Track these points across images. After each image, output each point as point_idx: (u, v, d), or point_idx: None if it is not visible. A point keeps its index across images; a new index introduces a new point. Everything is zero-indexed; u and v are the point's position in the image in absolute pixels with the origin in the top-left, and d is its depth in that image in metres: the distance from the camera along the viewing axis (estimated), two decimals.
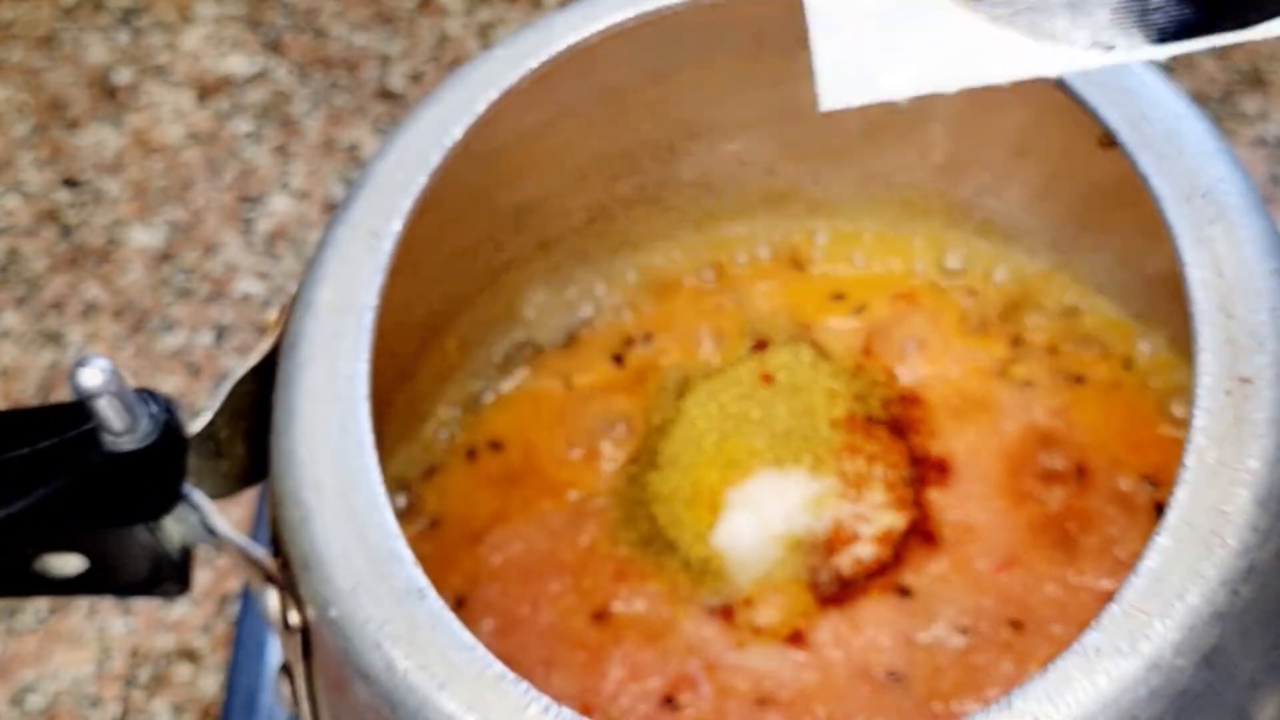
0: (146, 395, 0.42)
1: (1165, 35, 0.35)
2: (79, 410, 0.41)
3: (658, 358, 0.55)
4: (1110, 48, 0.35)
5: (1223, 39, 0.35)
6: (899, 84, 0.36)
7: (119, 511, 0.43)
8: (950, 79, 0.36)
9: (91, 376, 0.40)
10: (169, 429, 0.42)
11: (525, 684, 0.39)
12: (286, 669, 0.46)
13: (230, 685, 0.64)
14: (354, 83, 0.83)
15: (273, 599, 0.43)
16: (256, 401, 0.45)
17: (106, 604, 0.69)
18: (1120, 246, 0.53)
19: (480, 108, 0.47)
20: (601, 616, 0.49)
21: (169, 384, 0.75)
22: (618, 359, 0.55)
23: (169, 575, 0.46)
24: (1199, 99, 0.77)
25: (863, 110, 0.37)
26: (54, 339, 0.76)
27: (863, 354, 0.54)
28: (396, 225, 0.45)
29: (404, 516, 0.52)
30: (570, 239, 0.56)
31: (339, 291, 0.45)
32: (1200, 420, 0.40)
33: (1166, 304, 0.49)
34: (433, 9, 0.85)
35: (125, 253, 0.79)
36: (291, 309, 0.46)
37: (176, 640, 0.68)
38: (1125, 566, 0.39)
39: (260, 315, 0.76)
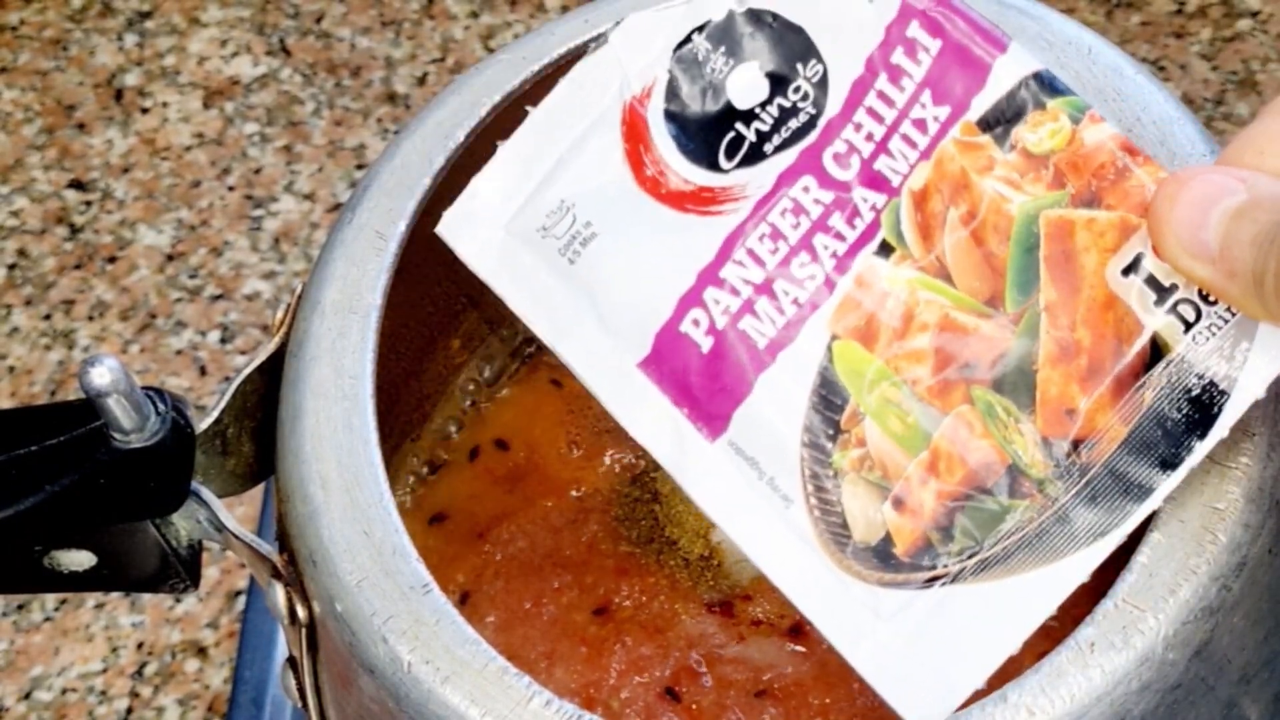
0: (154, 394, 0.43)
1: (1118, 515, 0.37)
2: (88, 408, 0.42)
3: None
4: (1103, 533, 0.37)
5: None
6: (972, 678, 0.37)
7: (128, 508, 0.44)
8: (1006, 645, 0.37)
9: (100, 375, 0.41)
10: (177, 427, 0.43)
11: (528, 678, 0.39)
12: (293, 663, 0.46)
13: (237, 679, 0.65)
14: (359, 86, 0.84)
15: (279, 594, 0.44)
16: (263, 400, 0.46)
17: (115, 599, 0.69)
18: None
19: (484, 111, 0.47)
20: (603, 611, 0.49)
21: (177, 382, 0.75)
22: None
23: (177, 571, 0.46)
24: (1192, 102, 0.77)
25: None
26: (63, 338, 0.77)
27: None
28: (401, 226, 0.46)
29: (408, 513, 0.53)
30: None
31: (345, 291, 0.45)
32: None
33: None
34: (437, 13, 0.86)
35: (133, 253, 0.79)
36: (298, 308, 0.46)
37: (184, 635, 0.68)
38: (1118, 562, 0.39)
39: (267, 315, 0.77)
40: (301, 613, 0.43)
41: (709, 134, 0.40)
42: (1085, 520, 0.37)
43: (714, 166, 0.40)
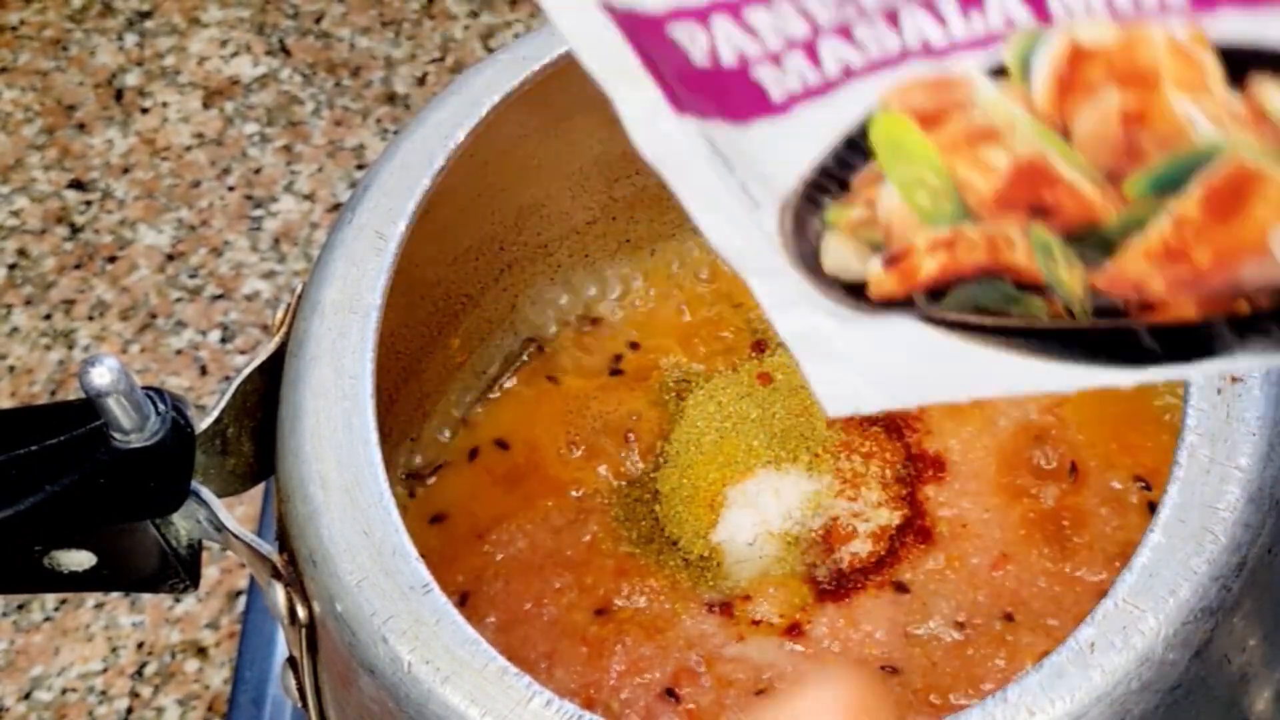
0: (154, 394, 0.43)
1: (1133, 362, 0.30)
2: (88, 408, 0.42)
3: (657, 358, 0.55)
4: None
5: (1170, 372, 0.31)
6: (902, 395, 0.33)
7: (128, 508, 0.44)
8: (956, 392, 0.32)
9: (100, 375, 0.41)
10: (177, 427, 0.43)
11: (528, 678, 0.39)
12: (293, 663, 0.46)
13: (237, 679, 0.65)
14: (359, 86, 0.84)
15: (279, 594, 0.44)
16: (263, 400, 0.46)
17: (115, 599, 0.69)
18: None
19: (483, 111, 0.47)
20: (603, 612, 0.49)
21: (177, 382, 0.75)
22: (618, 359, 0.55)
23: (177, 571, 0.46)
24: None
25: None
26: (63, 338, 0.77)
27: None
28: (401, 226, 0.46)
29: (408, 513, 0.53)
30: (571, 240, 0.56)
31: (345, 291, 0.45)
32: (1192, 419, 0.40)
33: None
34: (437, 13, 0.86)
35: (133, 253, 0.79)
36: (298, 309, 0.46)
37: (184, 635, 0.68)
38: (1118, 563, 0.39)
39: (267, 315, 0.77)
40: (301, 613, 0.43)
41: None
42: (1096, 348, 0.30)
43: None
